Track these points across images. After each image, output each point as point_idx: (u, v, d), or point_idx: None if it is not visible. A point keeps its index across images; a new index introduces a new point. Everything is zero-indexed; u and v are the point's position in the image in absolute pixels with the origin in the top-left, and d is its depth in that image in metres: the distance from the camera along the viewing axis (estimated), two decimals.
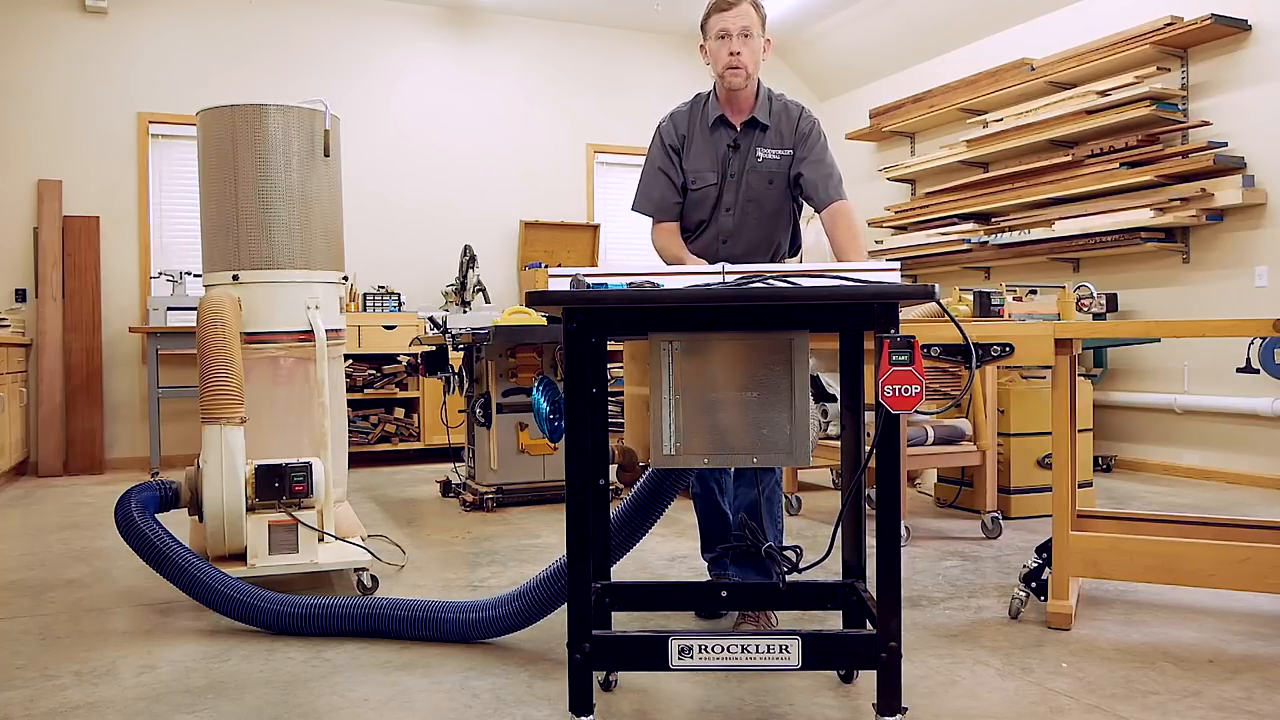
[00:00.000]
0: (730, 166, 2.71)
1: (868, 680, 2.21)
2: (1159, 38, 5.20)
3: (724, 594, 2.34)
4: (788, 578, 2.27)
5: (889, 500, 1.85)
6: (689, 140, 2.74)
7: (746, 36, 2.60)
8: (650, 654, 1.86)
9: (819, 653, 1.87)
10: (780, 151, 2.70)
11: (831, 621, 2.56)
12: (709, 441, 1.93)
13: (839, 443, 2.36)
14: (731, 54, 2.60)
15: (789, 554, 2.34)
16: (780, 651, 1.84)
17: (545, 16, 7.48)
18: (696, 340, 1.93)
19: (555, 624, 2.57)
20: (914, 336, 1.75)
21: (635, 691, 2.21)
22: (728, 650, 1.84)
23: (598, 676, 2.19)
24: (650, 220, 2.81)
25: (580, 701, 1.84)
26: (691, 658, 1.84)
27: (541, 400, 2.26)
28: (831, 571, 2.40)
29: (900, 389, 1.75)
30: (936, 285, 1.81)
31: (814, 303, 1.84)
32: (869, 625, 2.12)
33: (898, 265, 2.01)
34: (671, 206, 2.77)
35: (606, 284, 1.88)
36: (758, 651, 1.84)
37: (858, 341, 2.25)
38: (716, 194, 2.73)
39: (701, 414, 1.93)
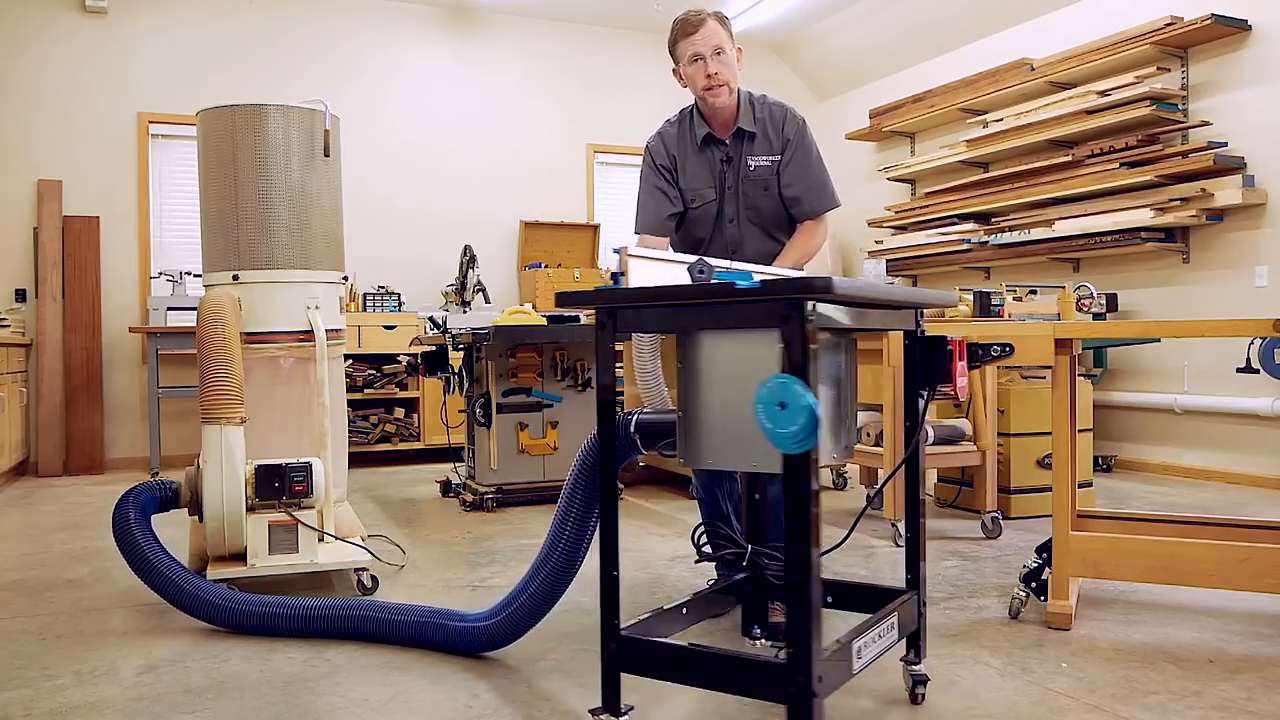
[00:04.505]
0: (726, 180, 2.72)
1: (869, 679, 2.21)
2: (1159, 38, 5.20)
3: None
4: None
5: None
6: (681, 160, 2.75)
7: (719, 54, 2.62)
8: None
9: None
10: (770, 158, 2.72)
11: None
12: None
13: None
14: (709, 75, 2.62)
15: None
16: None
17: (545, 16, 7.48)
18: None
19: (555, 624, 2.57)
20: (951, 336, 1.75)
21: (634, 691, 2.20)
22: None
23: None
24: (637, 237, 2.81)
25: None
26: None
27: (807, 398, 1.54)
28: (831, 571, 2.40)
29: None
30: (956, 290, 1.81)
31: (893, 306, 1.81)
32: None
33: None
34: (664, 223, 2.77)
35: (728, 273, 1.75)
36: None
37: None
38: (717, 209, 2.74)
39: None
